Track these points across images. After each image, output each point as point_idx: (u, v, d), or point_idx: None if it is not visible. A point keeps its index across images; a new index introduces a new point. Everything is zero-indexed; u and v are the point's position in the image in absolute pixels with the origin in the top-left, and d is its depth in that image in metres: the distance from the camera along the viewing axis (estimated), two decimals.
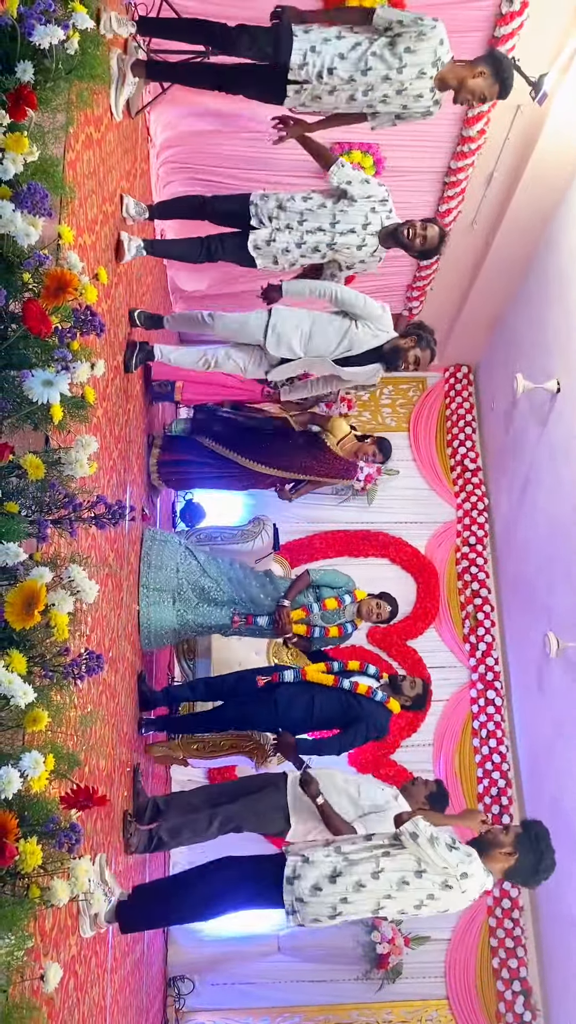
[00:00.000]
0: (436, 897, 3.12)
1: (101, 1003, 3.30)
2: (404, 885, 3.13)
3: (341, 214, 4.17)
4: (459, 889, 3.11)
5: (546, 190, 5.50)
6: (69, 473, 1.76)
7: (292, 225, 4.19)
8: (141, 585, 4.55)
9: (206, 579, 4.69)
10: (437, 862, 3.10)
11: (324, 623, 4.79)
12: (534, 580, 6.24)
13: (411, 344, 4.28)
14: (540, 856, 3.26)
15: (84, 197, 3.15)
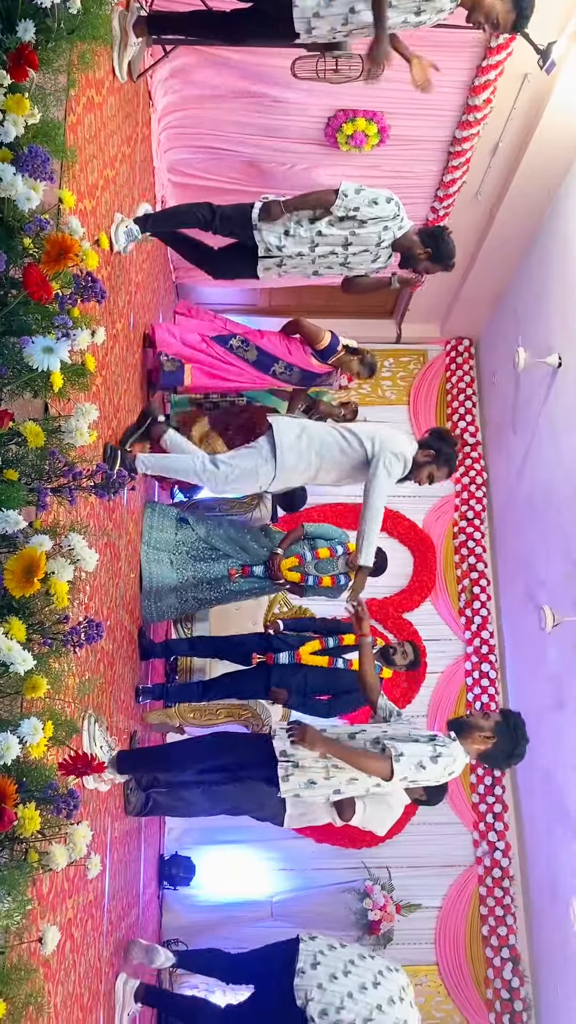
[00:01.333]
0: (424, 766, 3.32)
1: (97, 965, 3.35)
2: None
3: (353, 237, 4.07)
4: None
5: (551, 161, 5.44)
6: (69, 441, 1.75)
7: (303, 252, 4.10)
8: (143, 543, 4.61)
9: (201, 540, 4.78)
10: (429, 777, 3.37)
11: (318, 572, 4.85)
12: (531, 554, 6.25)
13: (428, 459, 4.18)
14: (515, 744, 3.44)
15: (85, 162, 3.11)
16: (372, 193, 4.00)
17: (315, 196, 4.01)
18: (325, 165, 5.62)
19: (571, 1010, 5.47)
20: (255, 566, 4.78)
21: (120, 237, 3.78)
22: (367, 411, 7.16)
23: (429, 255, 4.16)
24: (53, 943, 1.75)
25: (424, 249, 4.15)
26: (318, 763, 3.45)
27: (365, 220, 3.99)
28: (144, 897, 5.02)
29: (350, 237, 4.06)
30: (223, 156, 5.62)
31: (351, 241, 4.07)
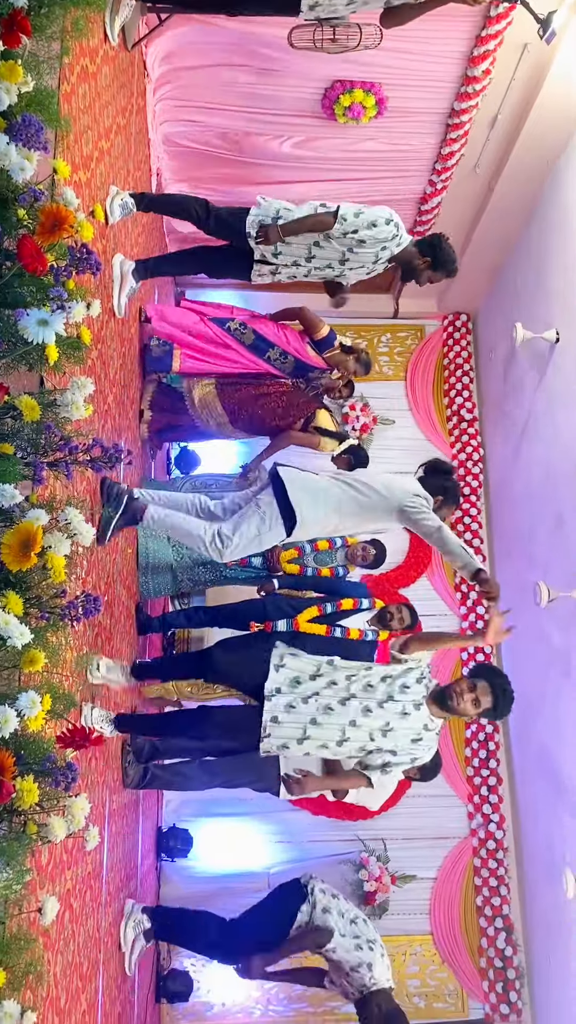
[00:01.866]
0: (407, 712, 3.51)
1: (96, 935, 3.39)
2: (367, 713, 3.50)
3: (351, 254, 4.05)
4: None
5: (551, 133, 5.38)
6: (65, 415, 1.74)
7: (300, 263, 4.10)
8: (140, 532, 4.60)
9: None
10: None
11: (316, 564, 4.84)
12: (527, 530, 6.26)
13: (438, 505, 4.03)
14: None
15: (79, 133, 3.07)
16: (371, 215, 3.96)
17: (313, 220, 3.96)
18: (322, 137, 5.57)
19: (563, 978, 5.56)
20: (253, 556, 4.76)
21: (115, 210, 3.74)
22: (364, 387, 7.16)
23: (429, 264, 4.13)
24: (52, 913, 1.77)
25: (423, 259, 4.12)
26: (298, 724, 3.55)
27: (364, 240, 3.97)
28: (142, 869, 5.07)
29: (347, 254, 4.05)
30: (220, 128, 5.56)
31: (348, 258, 4.06)
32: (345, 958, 3.90)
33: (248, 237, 4.02)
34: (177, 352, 5.01)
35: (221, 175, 5.83)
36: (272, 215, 4.00)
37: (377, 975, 3.86)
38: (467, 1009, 6.33)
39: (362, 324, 7.57)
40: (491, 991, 6.23)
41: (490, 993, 6.23)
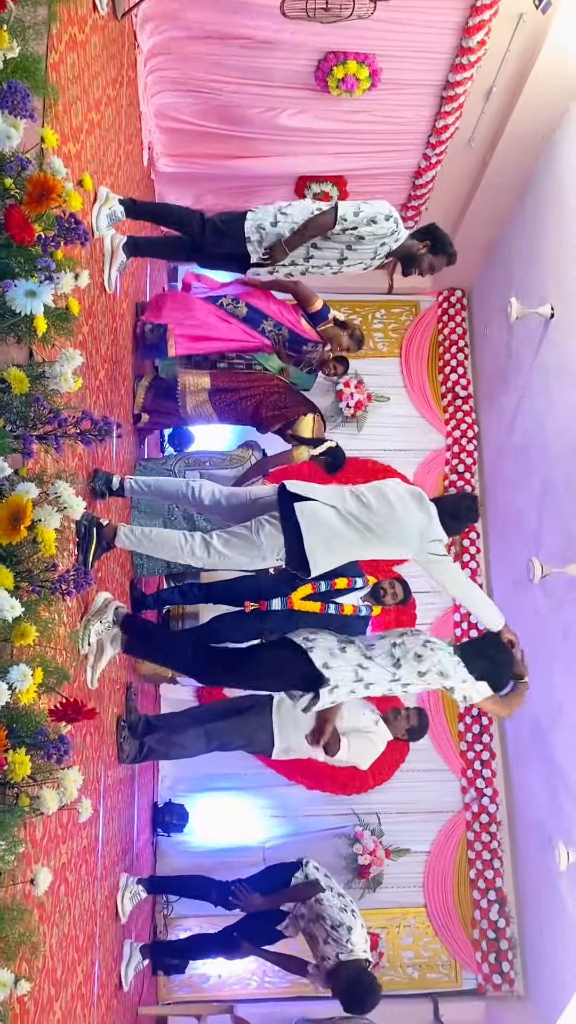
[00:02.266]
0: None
1: (91, 908, 3.42)
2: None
3: (350, 252, 4.03)
4: None
5: (547, 105, 5.32)
6: (54, 388, 1.73)
7: (297, 262, 4.07)
8: (132, 507, 4.58)
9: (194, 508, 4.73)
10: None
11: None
12: (520, 507, 6.26)
13: (424, 250, 4.09)
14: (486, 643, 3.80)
15: (68, 104, 3.03)
16: (371, 212, 3.93)
17: (314, 225, 3.92)
18: (315, 110, 5.51)
19: (555, 949, 5.63)
20: None
21: (101, 221, 3.64)
22: (358, 364, 7.13)
23: (429, 247, 4.10)
24: (45, 884, 1.78)
25: (422, 243, 4.09)
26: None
27: (363, 236, 3.94)
28: (138, 843, 5.11)
29: (346, 252, 4.03)
30: (212, 101, 5.49)
31: (346, 256, 4.05)
32: (329, 912, 4.19)
33: (248, 242, 3.98)
34: (171, 335, 4.98)
35: (213, 149, 5.77)
36: (269, 220, 3.95)
37: (355, 940, 4.11)
38: (460, 979, 6.41)
39: (356, 300, 7.53)
40: (484, 962, 6.31)
41: (483, 964, 6.31)
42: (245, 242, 3.95)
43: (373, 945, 6.22)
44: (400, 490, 3.66)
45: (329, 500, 3.56)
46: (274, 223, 3.93)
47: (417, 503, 3.61)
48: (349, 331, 5.29)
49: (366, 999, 3.99)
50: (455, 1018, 6.13)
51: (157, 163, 5.76)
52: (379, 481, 3.77)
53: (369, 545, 3.60)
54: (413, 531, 3.57)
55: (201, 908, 5.83)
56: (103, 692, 3.67)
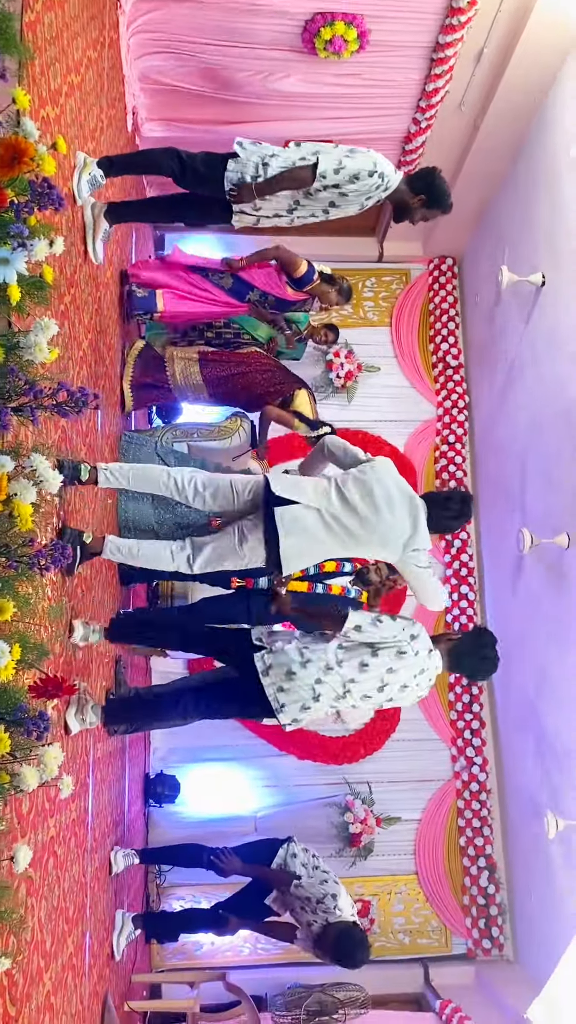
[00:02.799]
0: (394, 669, 3.43)
1: (82, 880, 3.43)
2: (364, 667, 3.42)
3: (334, 209, 3.89)
4: (412, 651, 3.43)
5: (538, 68, 5.22)
6: (28, 358, 1.68)
7: (280, 213, 3.91)
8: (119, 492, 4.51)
9: None
10: (387, 634, 3.41)
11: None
12: (511, 477, 6.24)
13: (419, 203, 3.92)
14: (481, 640, 3.62)
15: (46, 65, 2.95)
16: (353, 168, 3.72)
17: (290, 176, 3.73)
18: (302, 72, 5.39)
19: (544, 914, 5.70)
20: None
21: (83, 188, 3.52)
22: (348, 334, 7.07)
23: (423, 201, 3.92)
24: (25, 861, 1.77)
25: (417, 197, 3.91)
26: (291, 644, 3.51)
27: (347, 193, 3.78)
28: (129, 815, 5.13)
29: (330, 207, 3.87)
30: (197, 64, 5.38)
31: (330, 210, 3.89)
32: (311, 892, 4.26)
33: (228, 193, 3.85)
34: (160, 292, 4.99)
35: (199, 114, 5.66)
36: (251, 173, 3.76)
37: (341, 904, 4.20)
38: (450, 944, 6.50)
39: (346, 268, 7.40)
40: (474, 927, 6.39)
41: (473, 929, 6.39)
42: (226, 191, 3.82)
43: (364, 912, 6.30)
44: (391, 489, 3.52)
45: (313, 501, 3.51)
46: (255, 176, 3.76)
47: (405, 507, 3.52)
48: (337, 286, 5.26)
49: (355, 953, 4.04)
50: (445, 982, 6.21)
51: (142, 128, 5.65)
52: (372, 468, 3.58)
53: (348, 550, 3.62)
54: (395, 539, 3.52)
55: (193, 877, 5.89)
56: (91, 665, 3.66)
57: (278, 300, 5.14)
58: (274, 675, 3.46)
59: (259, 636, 3.60)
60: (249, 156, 3.77)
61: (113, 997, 3.96)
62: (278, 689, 3.47)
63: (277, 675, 3.46)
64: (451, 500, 3.70)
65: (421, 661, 3.47)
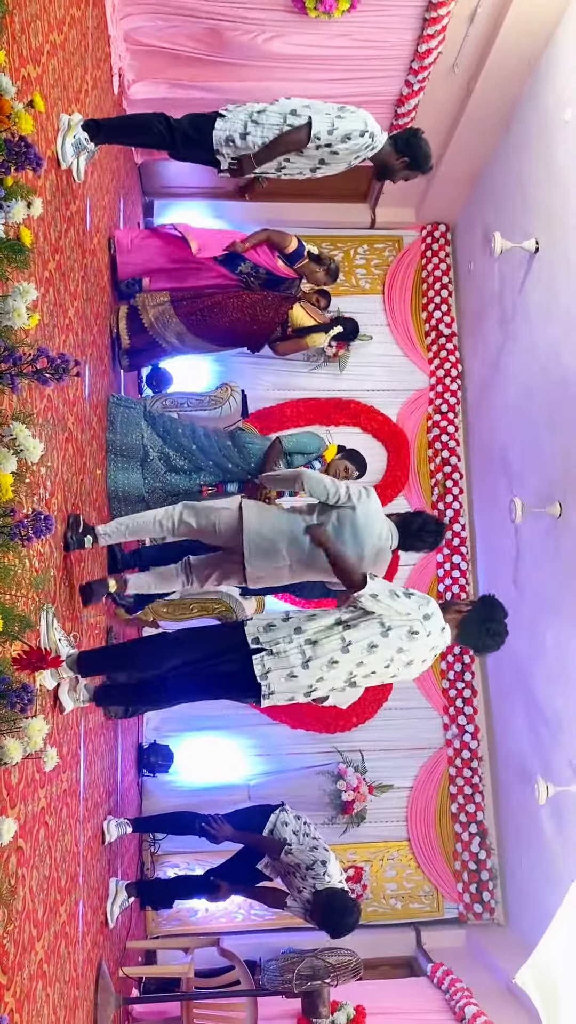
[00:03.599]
0: (404, 649, 3.28)
1: (74, 850, 3.44)
2: (373, 648, 3.26)
3: (323, 166, 3.91)
4: (424, 632, 3.28)
5: (532, 29, 5.12)
6: (7, 324, 1.64)
7: (268, 172, 3.94)
8: (107, 451, 4.49)
9: (170, 447, 4.65)
10: (401, 610, 3.27)
11: None
12: (503, 447, 6.22)
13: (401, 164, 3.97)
14: (491, 613, 3.46)
15: (26, 22, 2.86)
16: (346, 128, 3.77)
17: (285, 142, 3.77)
18: (292, 33, 5.28)
19: (533, 879, 5.77)
20: (228, 483, 4.68)
21: (67, 151, 3.43)
22: (341, 302, 6.99)
23: (406, 164, 3.96)
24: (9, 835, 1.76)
25: (400, 159, 3.95)
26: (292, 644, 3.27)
27: (337, 152, 3.82)
28: (123, 784, 5.15)
29: (319, 164, 3.90)
30: (184, 23, 5.26)
31: (318, 167, 3.92)
32: (301, 859, 4.29)
33: (218, 154, 3.84)
34: (147, 285, 5.09)
35: (187, 75, 5.54)
36: (239, 130, 3.77)
37: (331, 871, 4.24)
38: (442, 909, 6.58)
39: (338, 235, 7.36)
40: (465, 892, 6.47)
41: (464, 894, 6.47)
42: (215, 153, 3.84)
43: (357, 878, 6.36)
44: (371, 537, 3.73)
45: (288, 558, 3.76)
46: (244, 134, 3.77)
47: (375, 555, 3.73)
48: (324, 266, 5.28)
49: (343, 919, 4.08)
50: (437, 945, 6.30)
51: (128, 90, 5.53)
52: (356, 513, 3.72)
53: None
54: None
55: (187, 844, 5.95)
56: (81, 637, 3.64)
57: (269, 274, 5.12)
58: (273, 678, 3.27)
59: (255, 635, 3.33)
60: (236, 115, 3.80)
61: (108, 964, 4.00)
62: (272, 691, 3.30)
63: (277, 678, 3.27)
64: (425, 532, 3.84)
65: (433, 640, 3.34)
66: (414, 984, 5.80)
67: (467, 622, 3.45)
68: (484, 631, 3.45)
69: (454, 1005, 5.10)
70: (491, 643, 3.49)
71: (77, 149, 3.52)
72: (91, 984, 3.68)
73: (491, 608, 3.49)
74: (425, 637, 3.30)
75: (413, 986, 5.76)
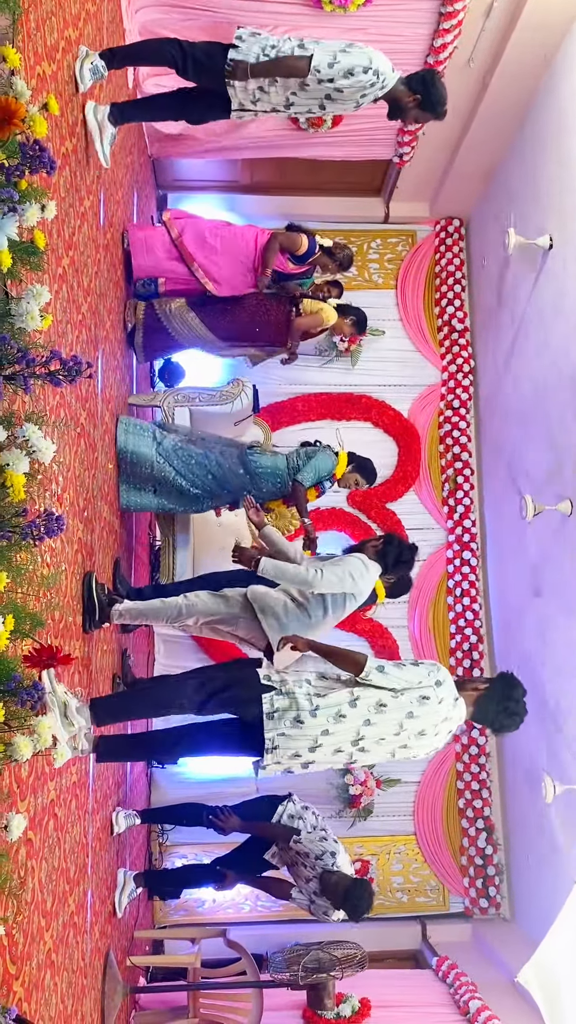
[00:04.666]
0: (415, 715, 3.17)
1: (83, 841, 3.48)
2: (382, 708, 3.18)
3: (329, 103, 3.89)
4: (435, 698, 3.18)
5: (548, 24, 5.09)
6: (20, 326, 1.66)
7: (278, 108, 3.94)
8: (120, 482, 4.41)
9: (183, 481, 4.55)
10: (412, 679, 3.20)
11: None
12: (515, 444, 6.21)
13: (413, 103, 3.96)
14: (510, 693, 3.35)
15: (42, 19, 2.87)
16: (348, 63, 3.74)
17: (286, 64, 3.76)
18: (307, 27, 5.24)
19: (540, 875, 5.78)
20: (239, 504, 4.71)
21: (85, 75, 3.50)
22: (353, 296, 6.97)
23: (418, 102, 3.93)
24: (19, 831, 1.78)
25: (412, 96, 3.92)
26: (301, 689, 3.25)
27: (341, 88, 3.80)
28: (132, 776, 5.19)
29: (325, 102, 3.89)
30: (199, 17, 5.25)
31: (324, 103, 3.91)
32: (310, 848, 4.29)
33: (228, 85, 3.86)
34: (162, 284, 5.07)
35: None
36: (252, 60, 3.80)
37: (340, 861, 4.24)
38: (448, 903, 6.61)
39: (351, 229, 7.33)
40: (471, 886, 6.49)
41: (470, 888, 6.49)
42: (225, 80, 3.83)
43: (363, 871, 6.39)
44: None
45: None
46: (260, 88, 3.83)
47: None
48: (336, 259, 5.30)
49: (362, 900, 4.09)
50: (442, 939, 6.33)
51: (143, 84, 5.53)
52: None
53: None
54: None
55: (195, 836, 5.99)
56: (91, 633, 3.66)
57: (279, 274, 5.14)
58: (279, 719, 3.21)
59: (268, 674, 3.34)
60: (250, 47, 3.82)
61: (115, 953, 4.04)
62: (280, 734, 3.22)
63: (282, 720, 3.21)
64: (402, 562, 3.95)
65: (445, 709, 3.24)
66: (419, 977, 5.84)
67: (484, 700, 3.33)
68: (502, 711, 3.33)
69: (459, 999, 5.13)
70: (508, 723, 3.38)
71: (94, 75, 3.55)
72: (99, 973, 3.73)
73: (510, 687, 3.36)
74: (437, 704, 3.20)
75: (418, 979, 5.80)
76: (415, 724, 3.21)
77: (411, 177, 6.84)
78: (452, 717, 3.28)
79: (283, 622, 3.80)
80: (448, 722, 3.28)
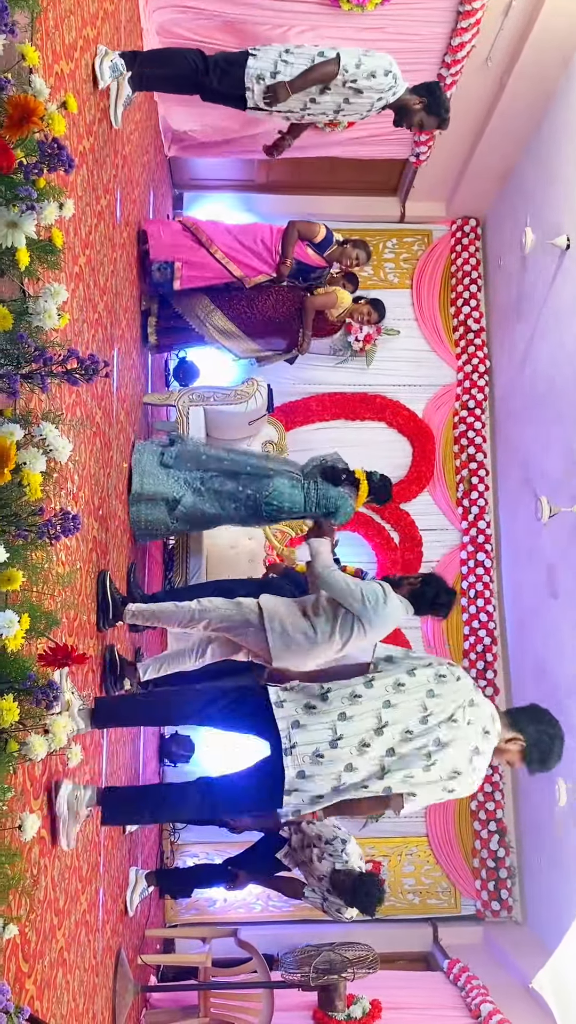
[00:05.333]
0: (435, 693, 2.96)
1: (95, 839, 3.48)
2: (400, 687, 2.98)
3: (347, 105, 4.07)
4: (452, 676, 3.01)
5: (568, 24, 5.06)
6: (38, 324, 1.66)
7: (294, 109, 4.11)
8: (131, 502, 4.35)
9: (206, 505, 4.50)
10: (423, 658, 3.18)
11: None
12: (530, 444, 6.18)
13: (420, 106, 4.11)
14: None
15: (60, 18, 2.87)
16: (371, 65, 3.96)
17: (319, 72, 3.96)
18: (325, 26, 5.24)
19: (553, 878, 5.75)
20: None
21: (105, 71, 3.53)
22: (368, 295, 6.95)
23: (424, 105, 4.11)
24: (32, 830, 1.78)
25: (419, 99, 4.10)
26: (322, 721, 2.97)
27: (362, 90, 3.98)
28: (144, 774, 5.19)
29: (343, 104, 4.05)
30: (217, 17, 5.25)
31: (343, 108, 4.09)
32: (323, 831, 4.29)
33: (247, 90, 4.01)
34: (178, 269, 4.95)
35: None
36: (270, 69, 3.98)
37: (349, 851, 4.23)
38: (459, 905, 6.59)
39: (367, 229, 7.31)
40: (483, 889, 6.46)
41: (482, 891, 6.47)
42: (244, 89, 4.00)
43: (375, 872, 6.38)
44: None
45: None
46: (274, 72, 3.96)
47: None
48: (356, 253, 5.31)
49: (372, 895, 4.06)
50: (454, 942, 6.31)
51: None
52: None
53: None
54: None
55: (207, 834, 5.99)
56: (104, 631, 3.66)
57: (299, 263, 5.10)
58: (298, 755, 2.93)
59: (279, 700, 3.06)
60: (267, 54, 4.00)
61: (126, 951, 4.04)
62: (293, 723, 2.97)
63: (301, 756, 2.93)
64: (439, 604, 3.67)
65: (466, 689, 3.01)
66: (430, 979, 5.82)
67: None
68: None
69: (470, 1002, 5.11)
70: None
71: (114, 72, 3.60)
72: (110, 972, 3.73)
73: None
74: (455, 681, 3.00)
75: (429, 981, 5.78)
76: (437, 703, 2.94)
77: (427, 176, 6.82)
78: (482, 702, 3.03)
79: (288, 633, 3.74)
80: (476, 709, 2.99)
